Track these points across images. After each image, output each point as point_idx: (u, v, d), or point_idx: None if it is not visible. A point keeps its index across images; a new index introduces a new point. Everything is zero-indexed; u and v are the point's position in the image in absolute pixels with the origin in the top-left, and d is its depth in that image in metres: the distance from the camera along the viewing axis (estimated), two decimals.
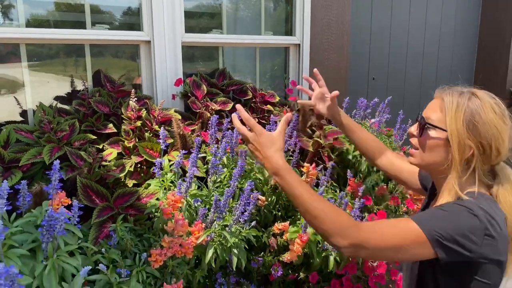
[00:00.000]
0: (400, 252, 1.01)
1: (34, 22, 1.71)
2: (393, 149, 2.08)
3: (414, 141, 1.16)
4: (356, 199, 1.75)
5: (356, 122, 1.57)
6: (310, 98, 1.54)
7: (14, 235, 1.14)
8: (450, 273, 1.05)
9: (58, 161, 1.18)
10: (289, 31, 2.48)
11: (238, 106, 1.11)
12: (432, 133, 1.09)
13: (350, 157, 2.12)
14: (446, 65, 3.68)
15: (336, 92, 1.42)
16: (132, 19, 1.94)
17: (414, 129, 1.16)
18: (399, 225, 1.03)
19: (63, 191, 1.28)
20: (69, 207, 1.23)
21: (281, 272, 1.73)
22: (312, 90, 1.55)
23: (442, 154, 1.08)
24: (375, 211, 2.02)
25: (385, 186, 2.11)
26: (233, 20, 2.37)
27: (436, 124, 1.08)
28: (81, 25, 1.80)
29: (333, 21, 2.54)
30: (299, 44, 2.45)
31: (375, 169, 2.10)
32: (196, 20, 2.22)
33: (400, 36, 3.29)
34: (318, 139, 2.07)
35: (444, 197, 1.06)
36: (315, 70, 1.55)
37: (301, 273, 1.83)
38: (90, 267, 1.10)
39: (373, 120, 2.13)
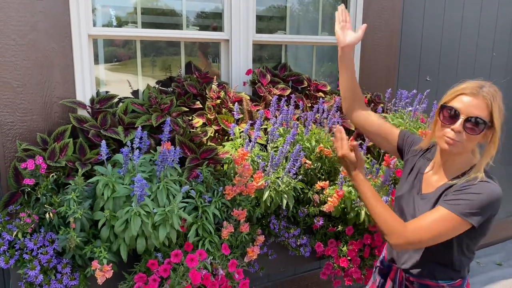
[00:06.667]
0: (443, 237, 1.29)
1: (145, 24, 2.33)
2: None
3: (460, 137, 1.30)
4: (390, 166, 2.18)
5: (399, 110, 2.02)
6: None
7: (139, 166, 1.73)
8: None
9: (169, 119, 1.75)
10: None
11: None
12: (483, 129, 1.28)
13: None
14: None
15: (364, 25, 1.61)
16: (214, 22, 2.50)
17: (460, 126, 1.29)
18: (439, 217, 1.28)
19: (168, 142, 1.86)
20: None
21: (322, 222, 2.18)
22: None
23: (476, 142, 1.33)
24: None
25: None
26: (295, 22, 2.86)
27: (487, 121, 1.28)
28: (178, 26, 2.39)
29: (383, 24, 2.91)
30: None
31: None
32: (265, 22, 2.74)
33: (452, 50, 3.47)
34: None
35: (470, 173, 1.33)
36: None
37: (339, 226, 2.27)
38: (188, 187, 1.65)
39: (410, 108, 2.50)
